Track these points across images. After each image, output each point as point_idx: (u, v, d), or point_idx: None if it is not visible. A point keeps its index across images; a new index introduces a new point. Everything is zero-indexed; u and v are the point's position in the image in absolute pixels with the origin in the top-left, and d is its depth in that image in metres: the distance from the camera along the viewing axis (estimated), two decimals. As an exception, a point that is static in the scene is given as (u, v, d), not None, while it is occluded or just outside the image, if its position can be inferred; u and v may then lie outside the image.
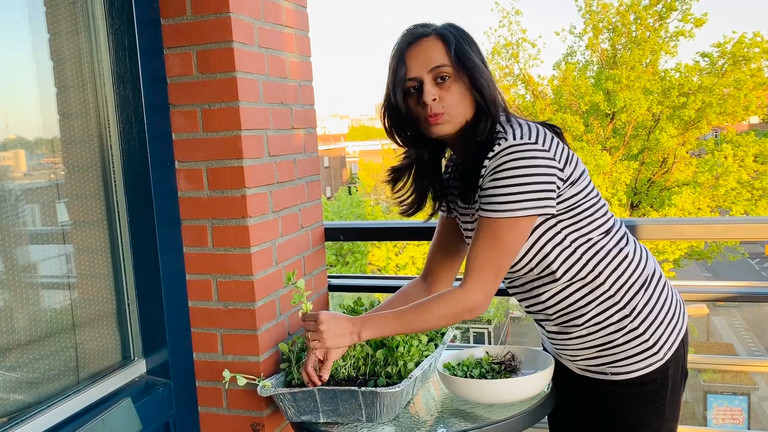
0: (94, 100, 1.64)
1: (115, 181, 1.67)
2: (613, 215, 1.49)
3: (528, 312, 1.55)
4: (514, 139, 1.33)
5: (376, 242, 15.94)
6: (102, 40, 1.62)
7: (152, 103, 1.67)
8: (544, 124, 1.43)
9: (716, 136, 17.95)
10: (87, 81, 1.62)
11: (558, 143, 1.37)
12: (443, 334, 1.83)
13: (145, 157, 1.65)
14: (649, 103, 15.59)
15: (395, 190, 1.57)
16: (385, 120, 1.50)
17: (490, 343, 16.62)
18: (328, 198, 23.76)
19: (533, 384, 1.55)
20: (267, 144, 1.78)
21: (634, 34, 16.61)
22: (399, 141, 1.52)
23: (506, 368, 1.63)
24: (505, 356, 1.68)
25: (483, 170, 1.36)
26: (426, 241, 1.96)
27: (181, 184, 1.73)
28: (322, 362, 1.48)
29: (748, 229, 2.05)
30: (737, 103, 15.42)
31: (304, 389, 1.53)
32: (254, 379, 1.63)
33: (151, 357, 1.73)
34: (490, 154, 1.35)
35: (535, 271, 1.44)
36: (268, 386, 1.59)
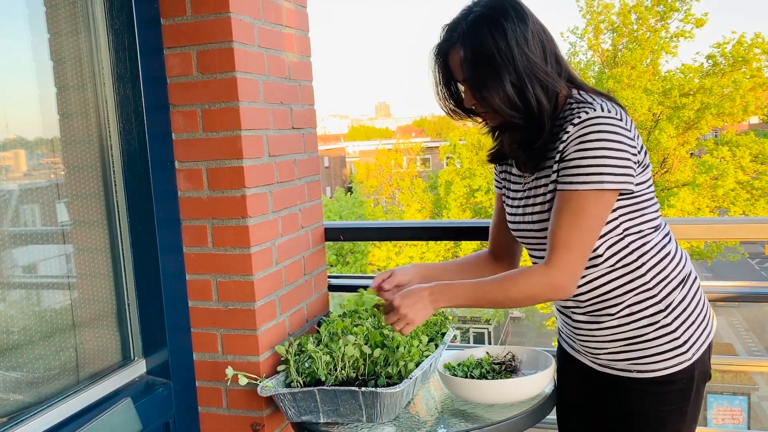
0: (94, 100, 1.64)
1: (115, 181, 1.67)
2: (661, 214, 1.47)
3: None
4: (602, 110, 1.31)
5: (376, 242, 15.95)
6: (102, 40, 1.62)
7: (152, 103, 1.66)
8: (616, 102, 1.40)
9: (716, 137, 17.95)
10: (87, 81, 1.62)
11: (633, 126, 1.36)
12: (443, 334, 1.83)
13: (145, 157, 1.65)
14: (649, 103, 15.60)
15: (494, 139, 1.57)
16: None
17: (490, 343, 16.62)
18: (330, 198, 23.77)
19: (534, 384, 1.54)
20: (267, 144, 1.78)
21: (635, 34, 16.62)
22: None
23: (507, 368, 1.63)
24: (505, 356, 1.68)
25: (565, 136, 1.33)
26: (425, 242, 1.96)
27: (181, 184, 1.73)
28: (388, 279, 1.63)
29: (748, 229, 2.05)
30: (737, 104, 15.43)
31: (304, 389, 1.54)
32: (255, 379, 1.63)
33: (151, 357, 1.73)
34: (575, 121, 1.31)
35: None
36: (268, 386, 1.59)
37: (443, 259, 16.25)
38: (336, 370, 1.60)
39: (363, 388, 1.48)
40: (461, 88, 1.47)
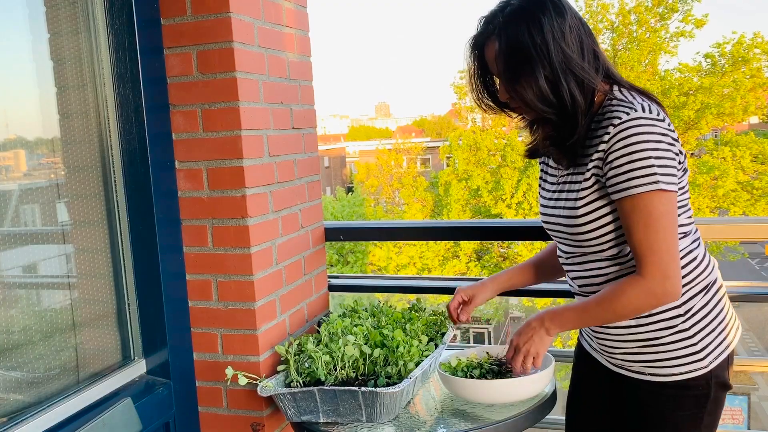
0: (94, 100, 1.64)
1: (115, 181, 1.67)
2: (694, 220, 1.45)
3: (578, 293, 1.51)
4: (644, 111, 1.29)
5: (376, 242, 15.94)
6: (102, 40, 1.62)
7: (152, 103, 1.67)
8: (657, 101, 1.38)
9: (716, 137, 17.95)
10: (87, 81, 1.62)
11: (675, 130, 1.34)
12: (443, 334, 1.83)
13: (145, 157, 1.65)
14: (649, 103, 15.59)
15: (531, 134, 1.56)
16: None
17: (490, 343, 16.61)
18: (331, 197, 23.75)
19: (533, 384, 1.54)
20: (267, 144, 1.78)
21: (634, 34, 16.62)
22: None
23: (506, 368, 1.62)
24: (505, 356, 1.68)
25: (606, 136, 1.30)
26: (424, 242, 1.96)
27: (181, 184, 1.73)
28: (466, 303, 1.69)
29: (748, 229, 2.05)
30: (736, 104, 15.43)
31: (304, 389, 1.54)
32: (255, 379, 1.63)
33: (151, 357, 1.73)
34: (616, 122, 1.29)
35: (605, 253, 1.40)
36: (268, 386, 1.59)
37: (442, 259, 16.25)
38: (336, 370, 1.60)
39: (363, 388, 1.48)
40: (497, 81, 1.45)
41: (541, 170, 1.60)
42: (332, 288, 2.24)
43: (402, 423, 1.54)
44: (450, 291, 2.36)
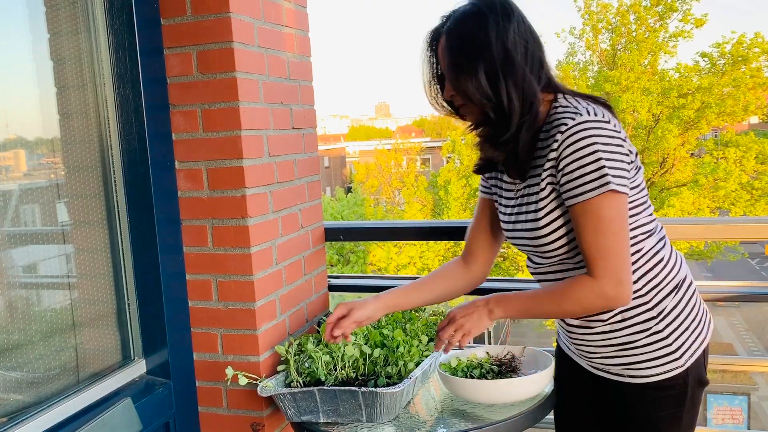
0: (94, 100, 1.64)
1: (115, 181, 1.67)
2: (656, 217, 1.46)
3: None
4: (589, 115, 1.30)
5: (377, 242, 15.94)
6: (102, 40, 1.62)
7: (152, 103, 1.67)
8: (603, 104, 1.39)
9: (716, 137, 17.95)
10: (87, 81, 1.62)
11: (623, 130, 1.35)
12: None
13: (145, 157, 1.65)
14: (649, 103, 15.60)
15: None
16: None
17: (490, 343, 16.60)
18: (331, 197, 23.74)
19: (533, 384, 1.54)
20: (267, 144, 1.78)
21: (633, 34, 16.62)
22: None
23: (506, 368, 1.62)
24: (505, 356, 1.68)
25: (555, 144, 1.32)
26: (424, 241, 1.96)
27: (181, 184, 1.73)
28: (345, 318, 1.51)
29: (748, 229, 2.05)
30: (736, 104, 15.43)
31: (304, 389, 1.54)
32: (255, 379, 1.63)
33: (151, 357, 1.73)
34: (563, 128, 1.31)
35: (573, 260, 1.41)
36: (268, 386, 1.59)
37: (443, 260, 16.25)
38: (336, 370, 1.60)
39: (363, 388, 1.48)
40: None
41: (491, 185, 1.60)
42: (332, 288, 2.24)
43: (402, 423, 1.54)
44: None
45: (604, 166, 1.27)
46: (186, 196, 1.74)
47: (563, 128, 1.31)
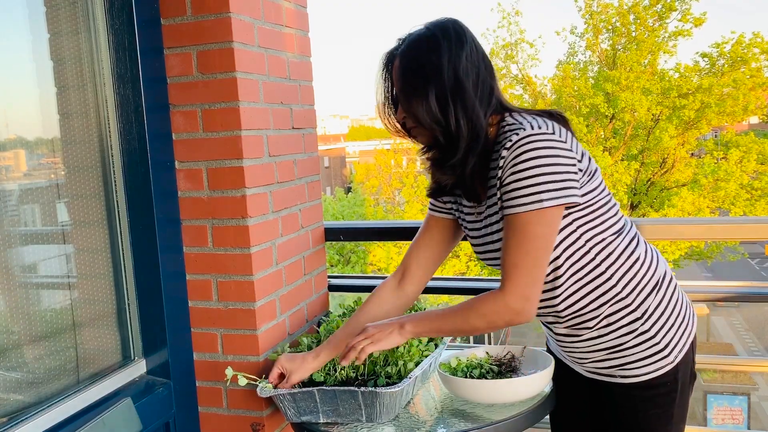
0: (94, 100, 1.64)
1: (115, 181, 1.67)
2: (623, 216, 1.47)
3: (538, 315, 1.51)
4: (532, 128, 1.31)
5: (377, 242, 15.94)
6: (102, 40, 1.62)
7: (152, 103, 1.67)
8: (551, 115, 1.40)
9: (716, 137, 17.96)
10: (87, 81, 1.62)
11: (571, 137, 1.36)
12: (443, 334, 1.83)
13: (145, 157, 1.65)
14: (649, 103, 15.60)
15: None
16: None
17: (490, 343, 16.61)
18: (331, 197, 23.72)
19: (533, 384, 1.55)
20: (267, 144, 1.78)
21: (633, 34, 16.63)
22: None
23: (506, 368, 1.63)
24: (505, 356, 1.68)
25: (501, 161, 1.33)
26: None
27: (181, 184, 1.73)
28: (285, 377, 1.57)
29: (748, 229, 2.05)
30: (736, 104, 15.43)
31: (303, 389, 1.54)
32: (255, 379, 1.63)
33: (151, 357, 1.73)
34: (507, 145, 1.32)
35: (549, 275, 1.41)
36: (268, 387, 1.59)
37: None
38: (335, 370, 1.60)
39: (362, 388, 1.48)
40: None
41: (449, 209, 1.60)
42: (332, 288, 2.24)
43: (402, 423, 1.54)
44: (450, 291, 2.38)
45: (539, 183, 1.28)
46: (186, 196, 1.74)
47: (508, 144, 1.32)
